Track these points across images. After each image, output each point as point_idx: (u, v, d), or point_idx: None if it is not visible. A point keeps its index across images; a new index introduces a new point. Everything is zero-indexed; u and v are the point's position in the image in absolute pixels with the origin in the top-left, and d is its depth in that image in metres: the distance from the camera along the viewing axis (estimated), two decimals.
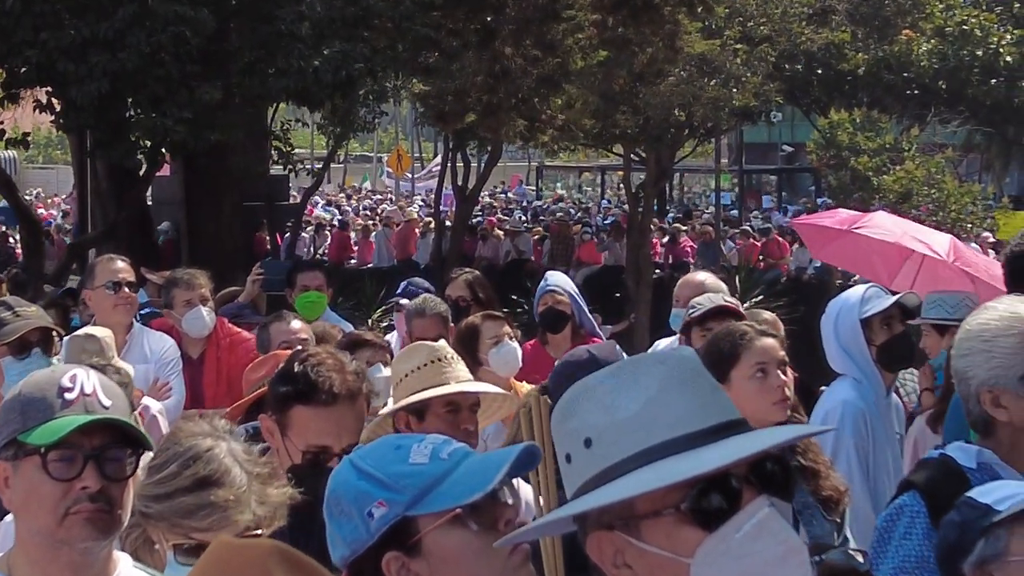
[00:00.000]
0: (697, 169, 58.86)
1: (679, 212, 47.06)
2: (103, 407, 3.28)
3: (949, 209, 30.50)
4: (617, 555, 2.40)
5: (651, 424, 2.38)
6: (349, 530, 2.98)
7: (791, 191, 59.95)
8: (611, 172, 59.35)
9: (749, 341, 5.46)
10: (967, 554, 3.37)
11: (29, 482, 3.25)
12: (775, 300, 27.03)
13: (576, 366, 5.31)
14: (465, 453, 3.04)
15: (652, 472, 2.34)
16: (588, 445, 2.41)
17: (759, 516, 2.34)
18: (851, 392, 6.17)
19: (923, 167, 31.84)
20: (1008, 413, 4.00)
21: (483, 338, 7.57)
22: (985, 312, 4.16)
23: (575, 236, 35.76)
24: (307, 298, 9.95)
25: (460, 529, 2.93)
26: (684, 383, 2.43)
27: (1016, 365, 3.98)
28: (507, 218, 42.00)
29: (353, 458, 3.10)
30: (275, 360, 5.77)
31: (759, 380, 5.35)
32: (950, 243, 9.26)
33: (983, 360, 4.03)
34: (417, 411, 5.10)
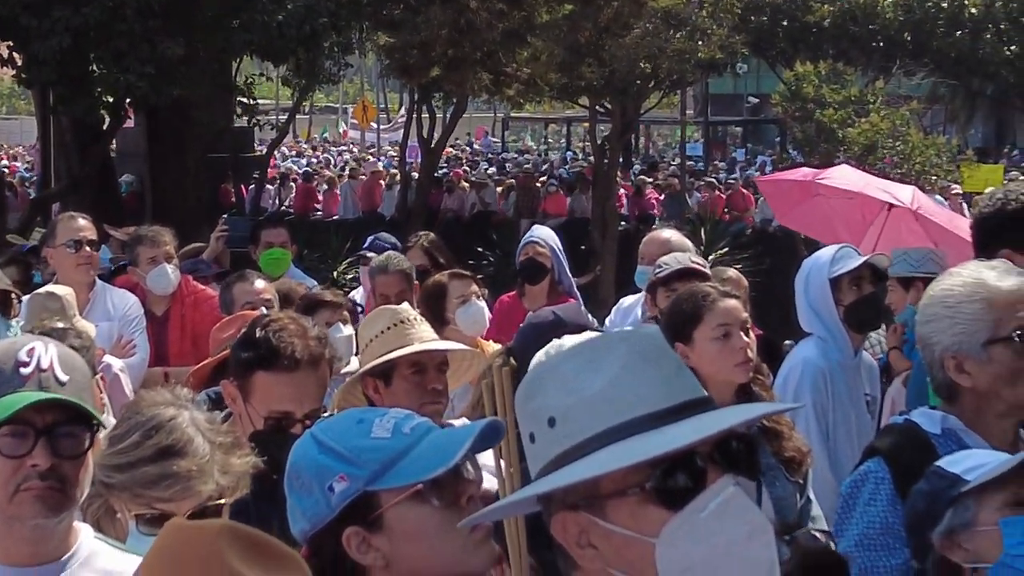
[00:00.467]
0: (663, 121, 58.83)
1: (644, 164, 46.99)
2: (59, 383, 3.24)
3: (914, 161, 30.59)
4: (582, 535, 2.39)
5: (615, 403, 2.36)
6: (309, 504, 2.97)
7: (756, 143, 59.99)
8: (577, 124, 59.30)
9: (712, 303, 5.46)
10: (935, 523, 3.39)
11: None
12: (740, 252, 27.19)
13: (541, 328, 5.30)
14: (427, 428, 3.02)
15: (616, 452, 2.33)
16: (552, 425, 2.40)
17: (724, 495, 2.33)
18: (813, 351, 6.18)
19: (888, 119, 31.90)
20: (972, 379, 4.01)
21: (450, 297, 7.56)
22: (949, 278, 4.16)
23: (540, 188, 35.74)
24: (271, 255, 10.00)
25: (422, 504, 2.92)
26: (647, 362, 2.41)
27: (979, 331, 3.98)
28: (472, 170, 41.89)
29: (314, 431, 3.09)
30: (242, 320, 5.76)
31: (721, 342, 5.36)
32: (913, 193, 9.29)
33: (947, 326, 4.04)
34: (383, 375, 5.05)
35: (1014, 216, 4.98)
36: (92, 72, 20.01)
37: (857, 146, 30.57)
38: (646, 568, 2.34)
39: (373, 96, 70.04)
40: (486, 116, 69.71)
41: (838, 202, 9.06)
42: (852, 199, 8.94)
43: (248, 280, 7.52)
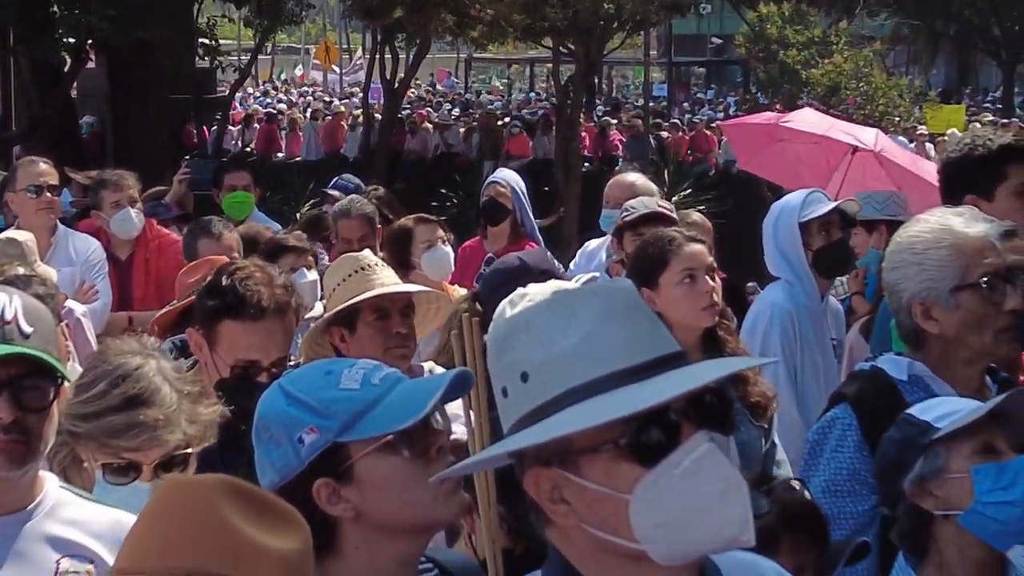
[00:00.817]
0: (626, 62, 58.77)
1: (608, 106, 46.92)
2: (23, 335, 3.20)
3: (877, 102, 30.65)
4: (555, 491, 2.38)
5: (588, 358, 2.34)
6: (278, 456, 2.96)
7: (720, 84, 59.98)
8: (540, 65, 59.16)
9: (678, 247, 5.46)
10: (906, 471, 3.40)
11: None
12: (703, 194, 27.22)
13: (507, 273, 5.29)
14: (397, 379, 3.01)
15: (590, 408, 2.31)
16: (524, 379, 2.38)
17: (698, 452, 2.32)
18: (781, 295, 6.19)
19: (851, 60, 31.99)
20: (939, 325, 4.03)
21: (415, 242, 7.55)
22: (916, 224, 4.18)
23: (504, 129, 35.67)
24: (234, 198, 9.95)
25: (391, 456, 2.92)
26: (621, 316, 2.39)
27: (947, 278, 4.00)
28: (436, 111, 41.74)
29: (283, 383, 3.07)
30: (209, 265, 5.74)
31: (687, 286, 5.35)
32: (876, 135, 9.29)
33: (914, 273, 4.05)
34: (347, 322, 5.03)
35: (980, 162, 4.98)
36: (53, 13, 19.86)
37: (820, 87, 30.67)
38: (620, 524, 2.33)
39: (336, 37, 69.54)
40: (449, 57, 69.42)
41: (802, 146, 9.05)
42: (816, 143, 8.93)
43: (213, 235, 7.44)
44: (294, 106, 43.61)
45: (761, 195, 24.31)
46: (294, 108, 42.18)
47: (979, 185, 4.82)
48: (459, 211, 25.47)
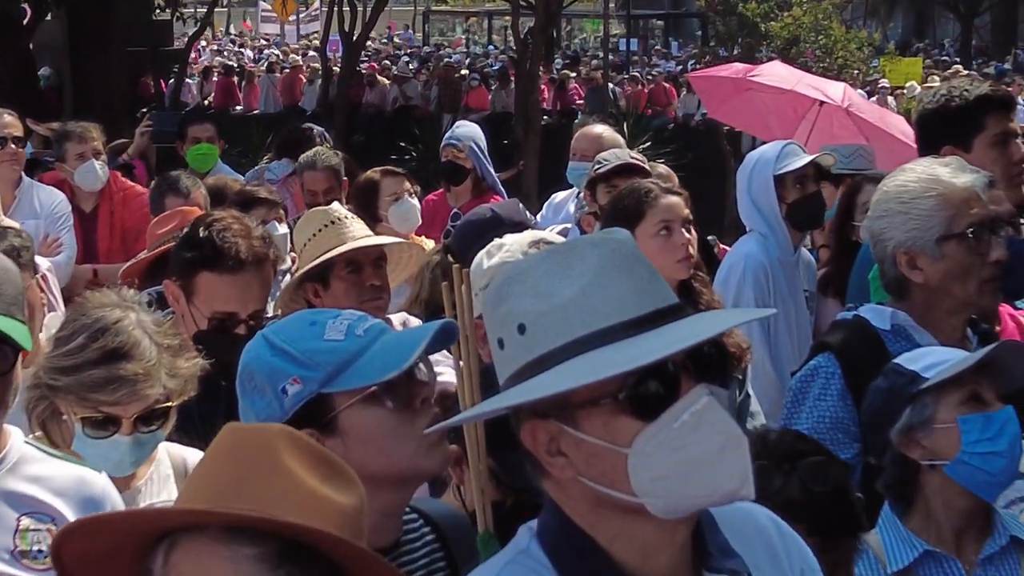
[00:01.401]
0: (585, 14, 58.67)
1: (567, 59, 46.82)
2: None
3: (836, 55, 30.68)
4: (552, 443, 2.36)
5: (587, 311, 2.33)
6: (262, 406, 2.96)
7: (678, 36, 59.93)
8: (498, 17, 58.98)
9: (654, 199, 5.46)
10: (894, 421, 3.42)
11: None
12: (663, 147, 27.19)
13: (480, 225, 5.29)
14: (381, 330, 3.01)
15: (590, 362, 2.29)
16: (522, 331, 2.36)
17: (698, 406, 2.30)
18: (755, 247, 6.19)
19: (810, 13, 31.97)
20: (923, 275, 4.05)
21: (382, 194, 7.56)
22: (903, 174, 4.19)
23: (462, 80, 35.61)
24: (199, 150, 9.99)
25: (375, 407, 2.93)
26: (620, 268, 2.38)
27: (933, 227, 4.02)
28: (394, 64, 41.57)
29: (267, 333, 3.07)
30: (181, 216, 5.74)
31: (663, 238, 5.36)
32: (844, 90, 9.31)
33: (900, 222, 4.06)
34: (320, 277, 5.01)
35: (957, 113, 4.97)
36: None
37: (779, 40, 30.65)
38: (618, 478, 2.32)
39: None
40: (407, 9, 69.24)
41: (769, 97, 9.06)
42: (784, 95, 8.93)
43: (181, 192, 7.34)
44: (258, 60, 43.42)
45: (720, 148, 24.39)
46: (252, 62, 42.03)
47: (957, 136, 4.82)
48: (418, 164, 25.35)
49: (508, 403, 2.37)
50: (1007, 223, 4.24)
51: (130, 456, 3.57)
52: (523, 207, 5.86)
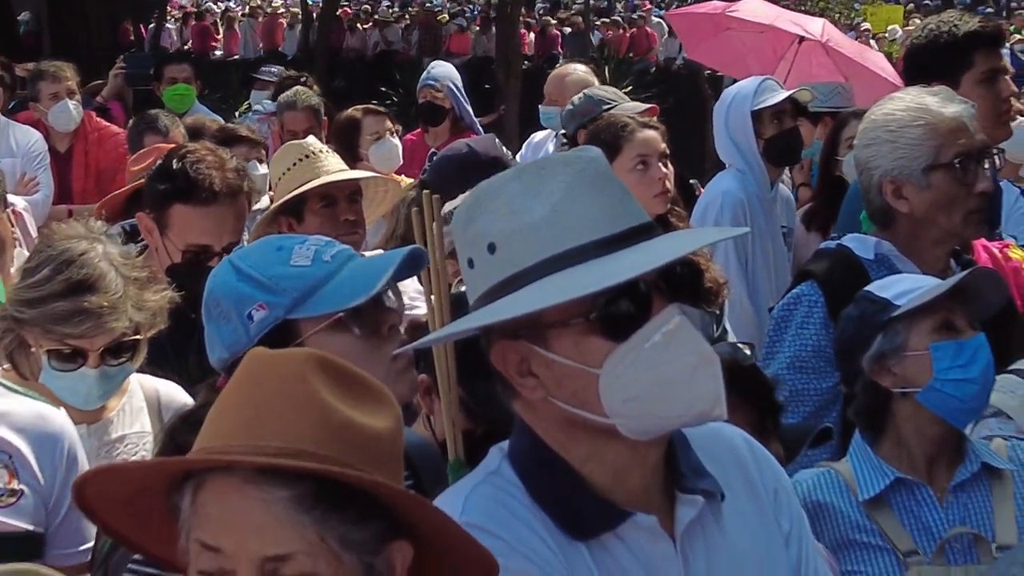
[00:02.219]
0: None
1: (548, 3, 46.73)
2: None
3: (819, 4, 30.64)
4: (522, 364, 2.36)
5: (559, 229, 2.32)
6: (228, 332, 2.96)
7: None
8: None
9: (631, 133, 5.48)
10: (865, 348, 3.42)
11: None
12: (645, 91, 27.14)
13: (456, 160, 5.28)
14: (348, 256, 3.02)
15: (561, 281, 2.29)
16: (492, 251, 2.34)
17: (669, 326, 2.30)
18: (732, 183, 6.20)
19: None
20: (909, 204, 4.06)
21: (363, 133, 7.60)
22: (891, 102, 4.20)
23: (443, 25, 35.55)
24: (175, 91, 10.12)
25: (342, 333, 2.93)
26: (592, 187, 2.36)
27: (921, 156, 4.02)
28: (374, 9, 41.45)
29: (233, 259, 3.07)
30: (158, 153, 5.71)
31: (640, 172, 5.38)
32: (823, 25, 9.31)
33: (888, 150, 4.07)
34: (294, 211, 5.00)
35: (946, 48, 4.96)
36: None
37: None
38: (589, 399, 2.32)
39: None
40: None
41: (748, 36, 9.04)
42: (763, 32, 8.93)
43: (160, 131, 7.36)
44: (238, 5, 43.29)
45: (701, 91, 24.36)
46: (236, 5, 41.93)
47: (945, 72, 4.79)
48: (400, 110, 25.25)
49: (478, 323, 2.36)
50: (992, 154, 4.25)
51: (97, 389, 3.57)
52: (499, 142, 5.82)
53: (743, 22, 9.06)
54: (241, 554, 2.05)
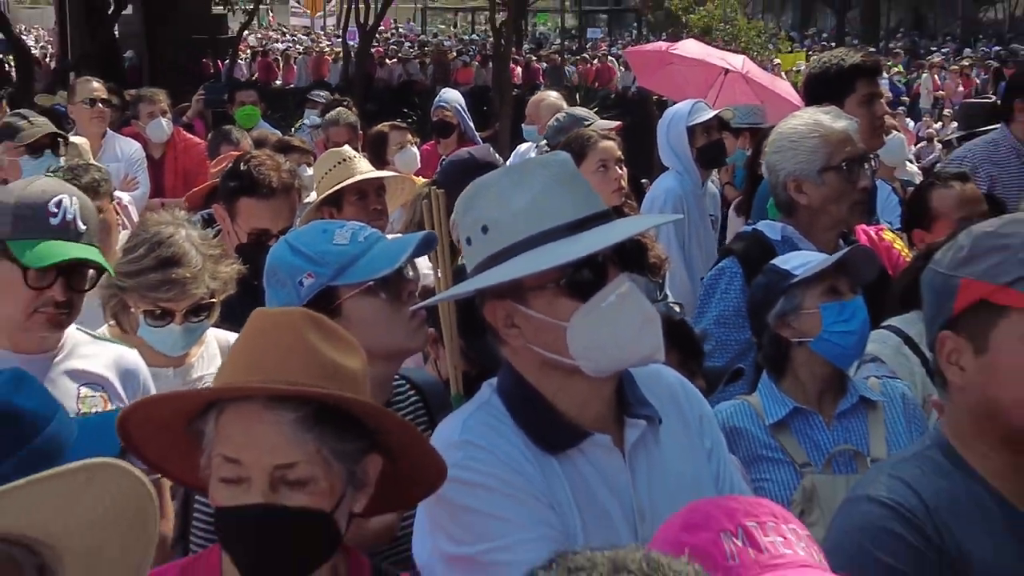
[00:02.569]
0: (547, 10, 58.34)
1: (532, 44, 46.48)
2: (79, 232, 3.21)
3: (740, 42, 30.45)
4: (508, 318, 2.37)
5: (536, 215, 2.32)
6: (283, 295, 2.94)
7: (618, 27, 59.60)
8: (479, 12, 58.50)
9: (593, 143, 5.51)
10: (771, 308, 3.42)
11: (7, 280, 3.16)
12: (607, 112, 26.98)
13: (460, 164, 5.26)
14: (377, 237, 3.00)
15: (537, 255, 2.30)
16: (485, 232, 2.36)
17: (621, 289, 2.32)
18: (673, 182, 6.18)
19: (720, 8, 31.76)
20: (807, 198, 4.07)
21: (390, 144, 7.64)
22: (794, 119, 4.21)
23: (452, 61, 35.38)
24: (244, 111, 10.22)
25: (372, 297, 2.91)
26: (563, 183, 2.37)
27: (816, 160, 4.04)
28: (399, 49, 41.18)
29: (288, 238, 3.06)
30: (230, 158, 5.73)
31: (601, 173, 5.39)
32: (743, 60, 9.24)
33: (791, 156, 4.08)
34: (334, 202, 5.00)
35: (835, 76, 4.94)
36: None
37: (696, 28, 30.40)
38: (559, 345, 2.33)
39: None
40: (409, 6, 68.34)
41: (686, 68, 8.97)
42: (697, 65, 8.86)
43: (232, 141, 7.60)
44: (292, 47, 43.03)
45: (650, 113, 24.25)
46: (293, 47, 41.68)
47: (834, 96, 4.77)
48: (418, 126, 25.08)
49: (474, 287, 2.37)
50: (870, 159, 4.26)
51: (182, 341, 3.57)
52: (493, 150, 5.80)
53: (682, 58, 9.00)
54: (256, 463, 2.06)
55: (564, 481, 2.34)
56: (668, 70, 9.09)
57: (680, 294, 5.48)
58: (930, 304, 2.24)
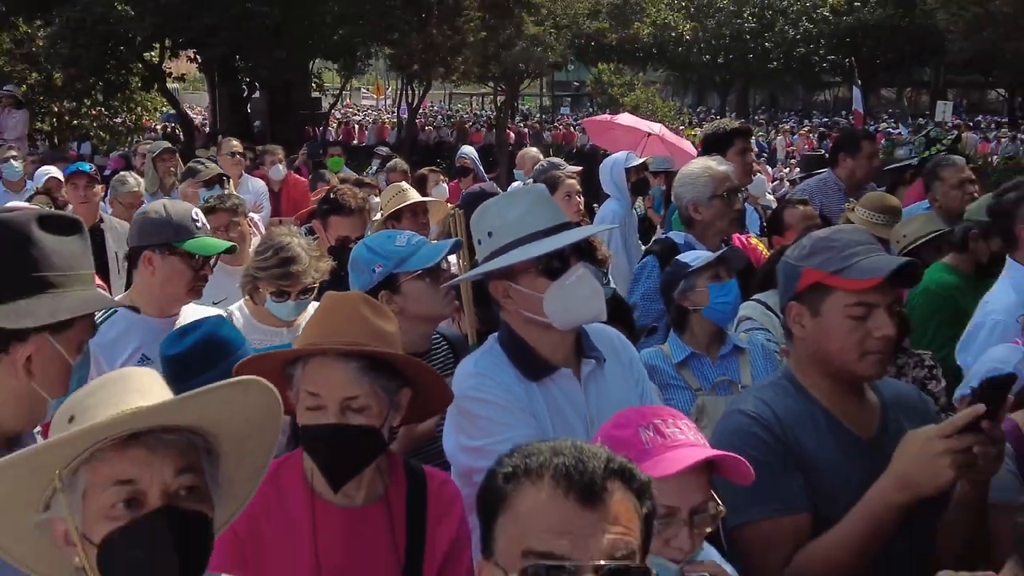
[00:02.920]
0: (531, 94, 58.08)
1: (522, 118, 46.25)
2: (208, 231, 3.28)
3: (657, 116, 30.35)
4: (505, 292, 2.37)
5: (523, 224, 2.32)
6: (362, 280, 2.92)
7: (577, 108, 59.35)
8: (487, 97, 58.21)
9: (562, 180, 5.47)
10: (675, 288, 3.40)
11: (172, 268, 3.16)
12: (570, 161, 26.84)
13: (474, 195, 5.23)
14: (423, 242, 2.99)
15: (524, 250, 2.30)
16: (489, 236, 2.36)
17: (578, 273, 2.32)
18: (615, 205, 6.09)
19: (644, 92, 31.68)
20: (701, 216, 4.04)
21: (428, 182, 7.58)
22: (692, 164, 4.19)
23: (469, 128, 35.23)
24: (333, 160, 10.32)
25: (420, 281, 2.89)
26: (540, 204, 2.37)
27: (706, 191, 4.01)
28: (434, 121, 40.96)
29: (365, 241, 3.05)
30: (324, 191, 5.67)
31: (566, 200, 5.36)
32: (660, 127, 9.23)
33: (690, 188, 4.05)
34: (395, 218, 4.96)
35: (720, 136, 4.93)
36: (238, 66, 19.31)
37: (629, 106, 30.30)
38: (537, 309, 2.33)
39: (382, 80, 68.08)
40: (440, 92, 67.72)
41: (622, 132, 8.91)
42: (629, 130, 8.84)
43: (325, 180, 7.73)
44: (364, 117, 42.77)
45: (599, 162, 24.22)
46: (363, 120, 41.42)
47: (719, 149, 4.77)
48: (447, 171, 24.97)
49: (482, 271, 2.36)
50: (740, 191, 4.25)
51: (294, 311, 3.53)
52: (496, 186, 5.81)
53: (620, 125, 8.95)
54: (331, 396, 2.03)
55: (541, 399, 2.34)
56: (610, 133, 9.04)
57: (619, 281, 5.46)
58: (782, 284, 2.24)
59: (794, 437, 2.10)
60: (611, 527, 1.26)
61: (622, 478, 1.30)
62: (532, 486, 1.29)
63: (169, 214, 3.19)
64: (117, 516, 1.39)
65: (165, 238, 3.14)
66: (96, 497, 1.40)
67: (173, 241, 3.14)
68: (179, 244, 3.13)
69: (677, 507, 1.69)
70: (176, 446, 1.43)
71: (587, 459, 1.30)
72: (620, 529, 1.27)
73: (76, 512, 1.40)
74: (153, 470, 1.40)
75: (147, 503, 1.39)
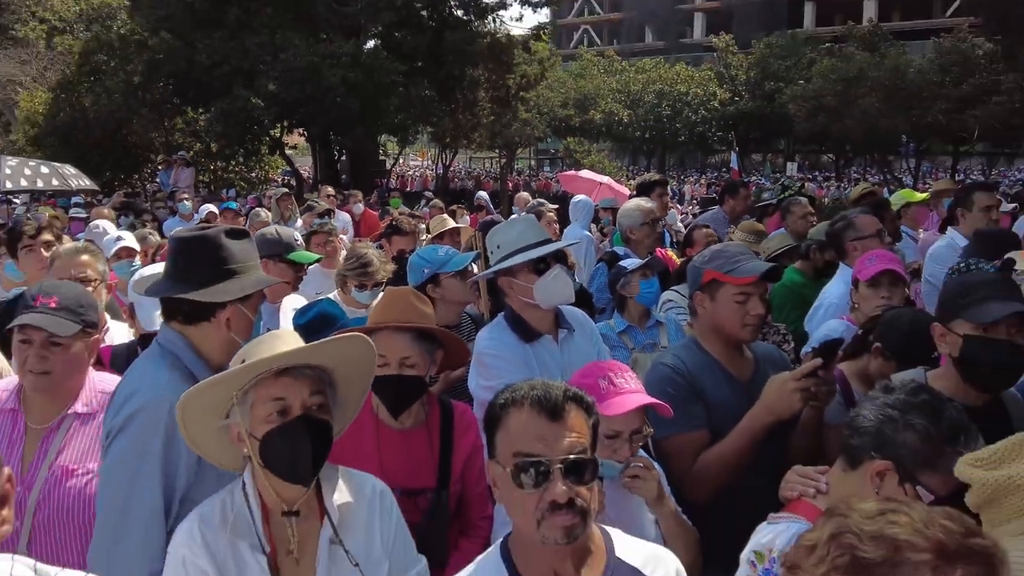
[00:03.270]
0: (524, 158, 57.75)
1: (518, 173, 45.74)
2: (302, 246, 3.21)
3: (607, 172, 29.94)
4: (509, 283, 2.35)
5: (520, 239, 2.32)
6: (416, 277, 2.90)
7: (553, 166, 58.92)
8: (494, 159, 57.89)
9: (545, 213, 5.40)
10: (618, 283, 3.35)
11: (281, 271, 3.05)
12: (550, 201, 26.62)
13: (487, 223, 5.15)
14: (456, 252, 2.97)
15: (519, 257, 2.29)
16: (498, 248, 2.34)
17: (555, 272, 2.30)
18: (580, 230, 5.98)
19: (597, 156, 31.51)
20: (635, 236, 3.98)
21: (457, 216, 7.51)
22: (629, 203, 4.15)
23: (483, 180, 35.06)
24: (394, 201, 10.33)
25: (454, 279, 2.88)
26: (531, 227, 2.37)
27: (638, 220, 3.96)
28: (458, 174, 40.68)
29: (418, 252, 3.02)
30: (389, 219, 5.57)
31: (548, 225, 5.25)
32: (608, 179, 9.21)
33: (628, 217, 4.02)
34: (439, 238, 4.91)
35: (647, 184, 4.90)
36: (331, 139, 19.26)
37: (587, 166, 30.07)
38: (529, 295, 2.31)
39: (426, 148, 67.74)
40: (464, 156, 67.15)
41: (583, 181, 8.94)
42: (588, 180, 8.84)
43: (389, 213, 7.62)
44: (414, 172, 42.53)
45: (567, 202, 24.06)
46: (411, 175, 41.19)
47: (646, 192, 4.74)
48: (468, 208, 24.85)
49: (493, 271, 2.34)
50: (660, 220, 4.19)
51: (370, 298, 3.43)
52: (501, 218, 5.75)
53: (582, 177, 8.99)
54: (392, 357, 2.01)
55: (532, 355, 2.32)
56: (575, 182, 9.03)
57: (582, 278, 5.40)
58: (690, 280, 2.24)
59: (697, 380, 2.11)
60: (570, 433, 1.27)
61: (576, 401, 1.31)
62: (517, 410, 1.30)
63: (279, 235, 3.17)
64: (272, 421, 1.47)
65: (277, 251, 3.12)
66: (259, 408, 1.47)
67: (283, 254, 3.11)
68: (285, 255, 3.10)
69: (622, 431, 1.72)
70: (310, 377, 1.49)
71: (552, 389, 1.31)
72: (576, 435, 1.28)
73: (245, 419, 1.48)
74: (296, 392, 1.47)
75: (291, 413, 1.46)
